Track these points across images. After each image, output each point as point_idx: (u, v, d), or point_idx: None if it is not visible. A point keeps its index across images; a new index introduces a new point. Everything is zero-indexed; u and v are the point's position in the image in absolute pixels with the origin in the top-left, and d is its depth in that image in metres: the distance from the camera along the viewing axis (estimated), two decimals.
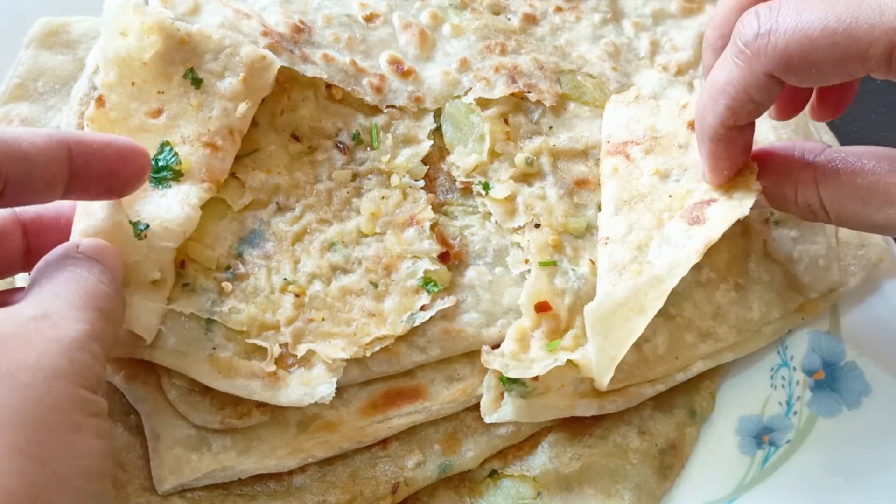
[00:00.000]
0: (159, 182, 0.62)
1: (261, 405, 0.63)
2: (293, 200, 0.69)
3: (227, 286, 0.64)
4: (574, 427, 0.71)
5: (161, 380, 0.63)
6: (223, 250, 0.65)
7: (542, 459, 0.69)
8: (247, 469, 0.63)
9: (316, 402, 0.63)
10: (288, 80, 0.72)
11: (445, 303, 0.67)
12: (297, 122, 0.72)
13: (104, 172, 0.55)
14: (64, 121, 0.71)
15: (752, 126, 0.61)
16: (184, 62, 0.66)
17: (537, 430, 0.70)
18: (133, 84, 0.64)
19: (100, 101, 0.63)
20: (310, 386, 0.62)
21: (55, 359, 0.46)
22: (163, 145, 0.64)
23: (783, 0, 0.54)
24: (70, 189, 0.54)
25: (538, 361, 0.65)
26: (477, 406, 0.68)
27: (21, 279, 0.65)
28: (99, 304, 0.52)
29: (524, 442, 0.70)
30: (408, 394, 0.67)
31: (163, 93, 0.65)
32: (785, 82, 0.56)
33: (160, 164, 0.63)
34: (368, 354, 0.65)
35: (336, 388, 0.64)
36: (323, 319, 0.65)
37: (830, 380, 0.74)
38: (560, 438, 0.70)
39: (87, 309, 0.51)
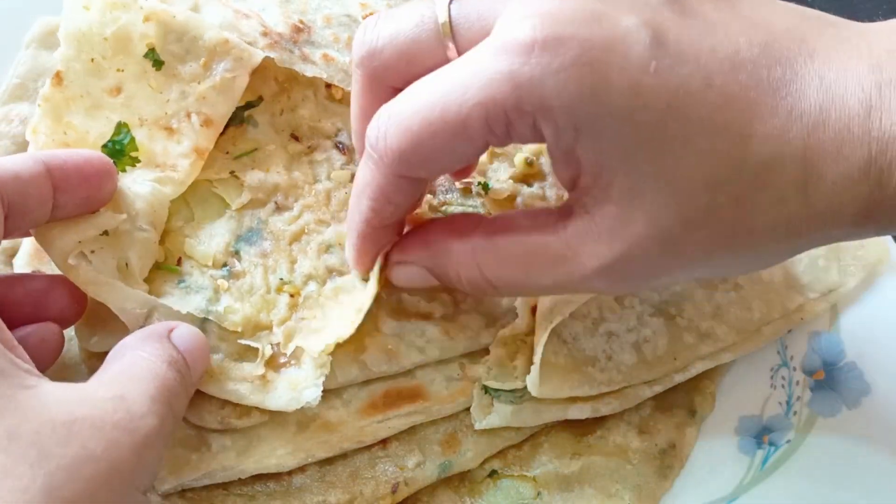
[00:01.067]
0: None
1: None
2: (291, 200, 0.69)
3: (224, 283, 0.64)
4: (574, 427, 0.71)
5: None
6: (220, 248, 0.65)
7: (542, 459, 0.69)
8: (247, 469, 0.62)
9: (314, 408, 0.62)
10: (288, 80, 0.72)
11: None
12: (297, 122, 0.72)
13: (80, 180, 0.55)
14: None
15: (399, 223, 0.61)
16: (145, 41, 0.65)
17: (537, 430, 0.70)
18: (92, 60, 0.64)
19: (57, 79, 0.62)
20: (296, 390, 0.61)
21: (124, 453, 0.43)
22: (119, 126, 0.63)
23: (403, 94, 0.52)
24: (56, 204, 0.53)
25: (521, 371, 0.65)
26: None
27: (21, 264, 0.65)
28: (171, 400, 0.49)
29: (524, 442, 0.70)
30: (408, 394, 0.67)
31: (122, 71, 0.65)
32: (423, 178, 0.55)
33: (116, 147, 0.63)
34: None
35: (336, 388, 0.64)
36: (315, 318, 0.65)
37: (830, 380, 0.74)
38: (560, 438, 0.70)
39: (161, 402, 0.48)
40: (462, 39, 0.52)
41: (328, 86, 0.73)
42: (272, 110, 0.71)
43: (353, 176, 0.71)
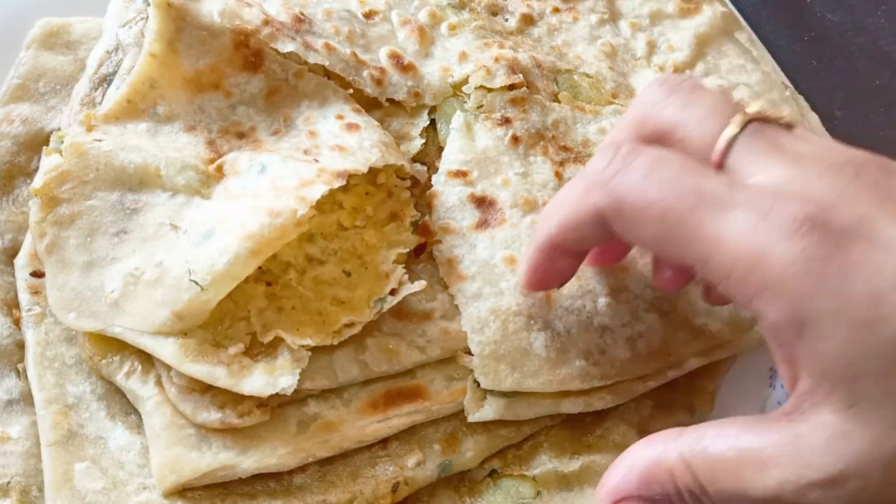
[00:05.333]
0: None
1: (261, 404, 0.63)
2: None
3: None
4: (574, 427, 0.71)
5: (161, 378, 0.63)
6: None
7: (541, 459, 0.69)
8: (247, 468, 0.62)
9: (314, 408, 0.64)
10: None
11: (414, 287, 0.66)
12: None
13: None
14: (65, 121, 0.71)
15: (577, 257, 0.61)
16: None
17: (537, 430, 0.70)
18: None
19: None
20: (272, 376, 0.61)
21: None
22: None
23: (640, 155, 0.51)
24: None
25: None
26: None
27: None
28: None
29: (524, 441, 0.70)
30: (408, 394, 0.67)
31: None
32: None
33: None
34: (336, 342, 0.64)
35: (336, 388, 0.65)
36: (293, 308, 0.65)
37: None
38: (560, 438, 0.70)
39: None
40: (732, 159, 0.51)
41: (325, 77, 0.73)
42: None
43: None
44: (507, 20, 0.83)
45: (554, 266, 0.60)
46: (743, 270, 0.46)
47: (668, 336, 0.69)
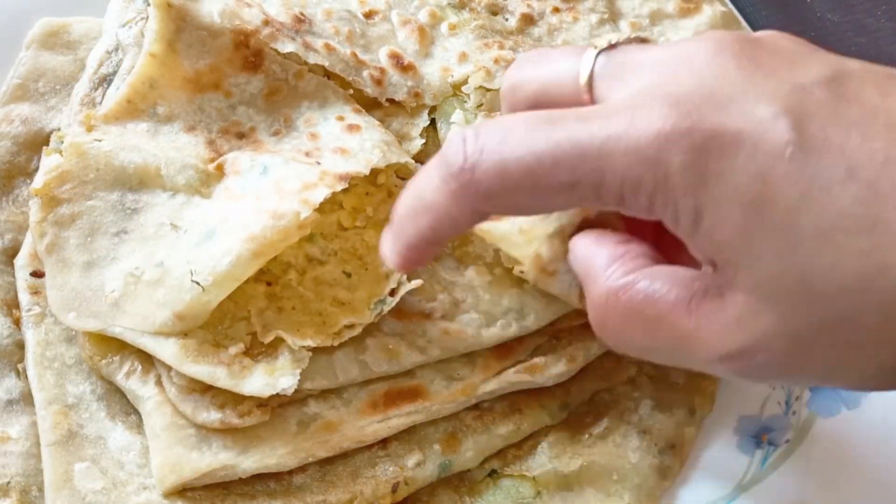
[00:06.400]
0: None
1: (261, 404, 0.63)
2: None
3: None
4: (574, 427, 0.71)
5: (161, 378, 0.63)
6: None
7: (541, 459, 0.69)
8: (247, 468, 0.62)
9: (314, 408, 0.64)
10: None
11: (411, 285, 0.66)
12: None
13: None
14: (65, 121, 0.71)
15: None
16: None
17: (537, 430, 0.70)
18: None
19: None
20: (272, 376, 0.61)
21: None
22: None
23: (513, 123, 0.49)
24: None
25: None
26: (477, 406, 0.69)
27: None
28: None
29: (524, 441, 0.70)
30: (408, 394, 0.67)
31: None
32: None
33: None
34: (337, 343, 0.64)
35: (336, 388, 0.64)
36: (293, 308, 0.65)
37: None
38: (560, 438, 0.70)
39: None
40: (598, 91, 0.51)
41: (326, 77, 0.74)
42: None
43: None
44: (507, 20, 0.83)
45: (427, 254, 0.56)
46: (631, 191, 0.45)
47: None
